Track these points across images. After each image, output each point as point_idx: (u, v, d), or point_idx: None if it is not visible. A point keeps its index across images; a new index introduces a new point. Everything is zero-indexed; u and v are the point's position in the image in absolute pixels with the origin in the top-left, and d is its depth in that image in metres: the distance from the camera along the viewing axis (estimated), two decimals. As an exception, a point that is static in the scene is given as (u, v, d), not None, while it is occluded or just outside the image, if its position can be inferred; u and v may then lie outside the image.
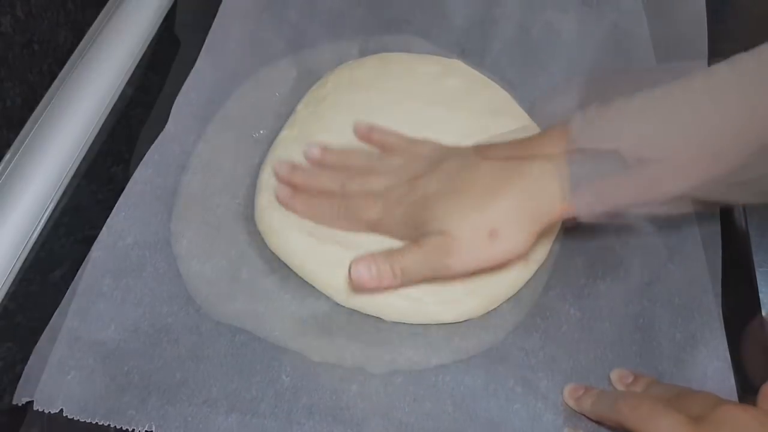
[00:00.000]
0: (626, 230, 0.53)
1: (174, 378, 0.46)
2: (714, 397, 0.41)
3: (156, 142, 0.55)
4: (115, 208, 0.52)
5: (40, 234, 0.54)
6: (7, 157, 0.56)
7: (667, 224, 0.52)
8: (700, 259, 0.51)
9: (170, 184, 0.54)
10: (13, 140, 0.57)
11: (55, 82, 0.61)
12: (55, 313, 0.47)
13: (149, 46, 0.65)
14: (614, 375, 0.47)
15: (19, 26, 0.57)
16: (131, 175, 0.54)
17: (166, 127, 0.56)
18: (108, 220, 0.51)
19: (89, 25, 0.65)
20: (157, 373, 0.46)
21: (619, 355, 0.48)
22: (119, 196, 0.53)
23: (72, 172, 0.58)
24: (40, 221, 0.55)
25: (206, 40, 0.62)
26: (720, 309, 0.49)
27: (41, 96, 0.60)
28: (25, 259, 0.53)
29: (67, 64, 0.62)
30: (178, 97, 0.58)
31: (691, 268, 0.51)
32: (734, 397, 0.45)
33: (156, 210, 0.53)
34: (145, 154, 0.55)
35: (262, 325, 0.49)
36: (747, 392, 0.45)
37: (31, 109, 0.59)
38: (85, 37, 0.64)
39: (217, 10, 0.64)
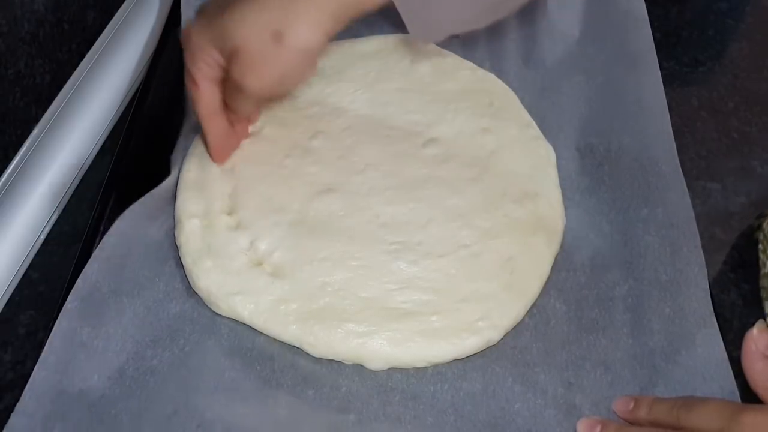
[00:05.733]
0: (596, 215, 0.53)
1: (165, 410, 0.45)
2: (727, 404, 0.40)
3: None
4: (90, 259, 0.49)
5: (68, 203, 0.57)
6: (35, 132, 0.58)
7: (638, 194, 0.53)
8: (680, 228, 0.51)
9: (143, 235, 0.52)
10: (41, 116, 0.59)
11: (83, 62, 0.63)
12: (36, 367, 0.45)
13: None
14: (616, 406, 0.45)
15: (51, 5, 0.59)
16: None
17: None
18: (82, 273, 0.49)
19: (117, 6, 0.66)
20: (147, 410, 0.45)
21: (611, 339, 0.48)
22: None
23: (96, 149, 0.60)
24: (65, 194, 0.57)
25: None
26: (707, 283, 0.49)
27: (69, 74, 0.62)
28: (51, 231, 0.56)
29: (95, 45, 0.64)
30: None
31: (670, 241, 0.51)
32: (734, 385, 0.45)
33: (131, 259, 0.51)
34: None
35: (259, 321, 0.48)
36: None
37: (59, 87, 0.61)
38: (113, 18, 0.66)
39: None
